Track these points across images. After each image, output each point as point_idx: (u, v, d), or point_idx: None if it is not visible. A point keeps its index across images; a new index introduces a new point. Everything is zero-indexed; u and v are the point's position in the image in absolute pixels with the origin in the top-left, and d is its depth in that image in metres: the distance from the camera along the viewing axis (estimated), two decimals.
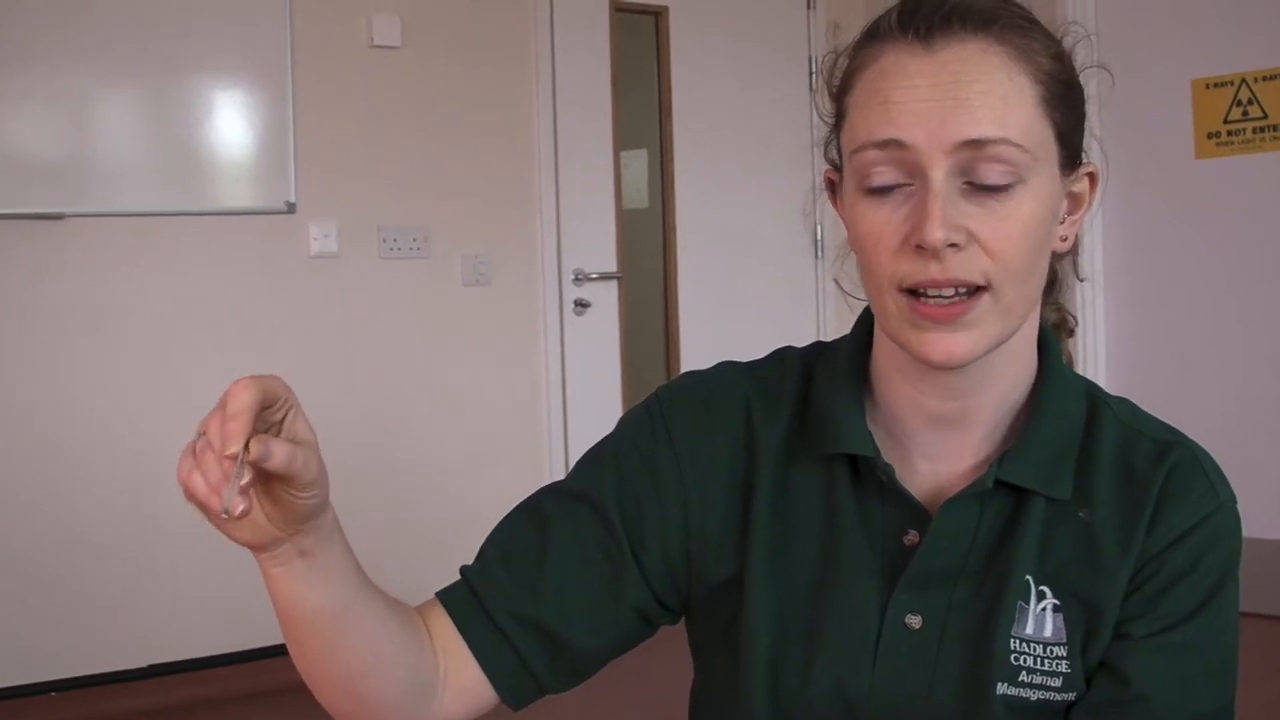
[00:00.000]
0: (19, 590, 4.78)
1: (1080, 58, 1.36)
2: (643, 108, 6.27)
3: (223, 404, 1.14)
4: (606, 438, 1.49)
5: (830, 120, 1.36)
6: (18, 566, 4.78)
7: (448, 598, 1.43)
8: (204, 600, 5.01)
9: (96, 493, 4.90)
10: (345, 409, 5.34)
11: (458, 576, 1.46)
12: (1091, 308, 5.96)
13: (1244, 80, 5.62)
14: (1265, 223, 5.62)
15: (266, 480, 1.19)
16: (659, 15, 6.23)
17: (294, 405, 1.21)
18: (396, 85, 5.46)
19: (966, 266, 1.24)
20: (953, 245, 1.23)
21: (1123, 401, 1.43)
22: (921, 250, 1.24)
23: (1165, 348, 5.91)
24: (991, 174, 1.24)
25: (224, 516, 1.16)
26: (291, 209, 5.17)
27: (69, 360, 4.89)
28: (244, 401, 1.14)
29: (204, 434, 1.16)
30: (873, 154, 1.26)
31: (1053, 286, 1.46)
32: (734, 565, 1.41)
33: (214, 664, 5.01)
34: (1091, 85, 1.40)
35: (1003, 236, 1.24)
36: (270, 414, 1.19)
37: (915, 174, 1.25)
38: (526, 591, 1.40)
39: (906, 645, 1.35)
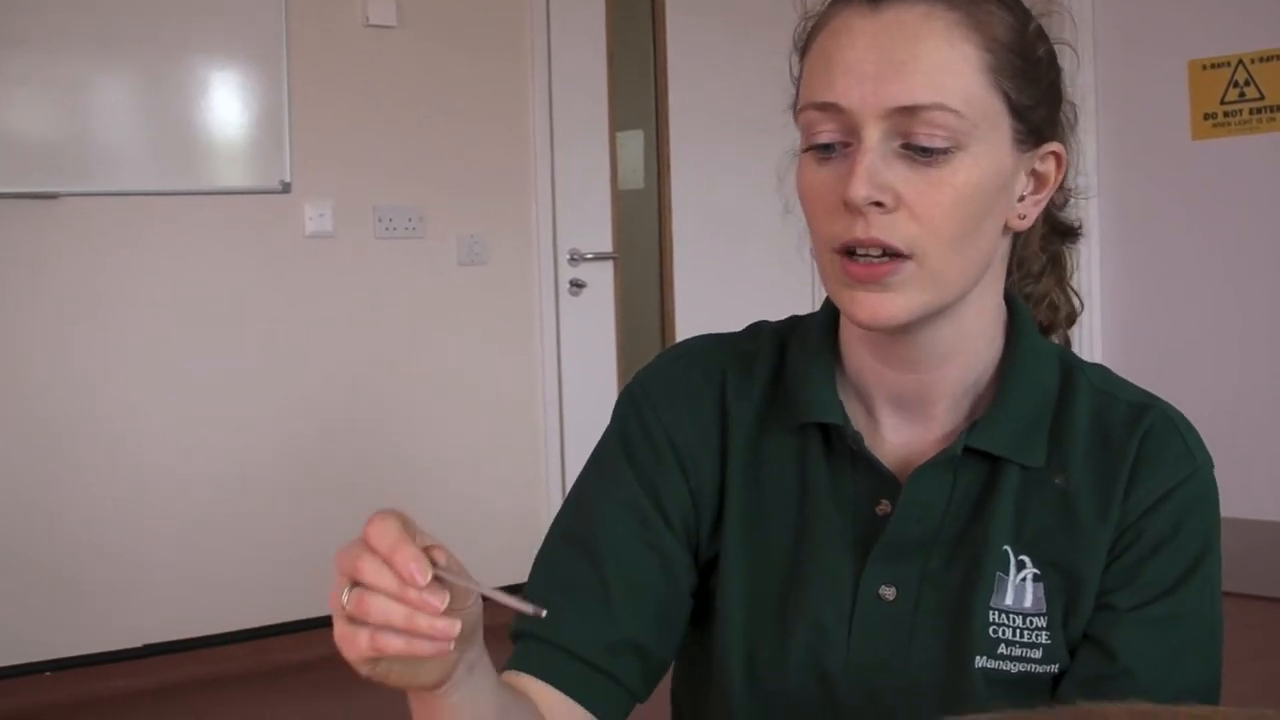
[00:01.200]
0: (13, 571, 4.78)
1: (1061, 33, 1.36)
2: (638, 88, 6.27)
3: (367, 545, 1.04)
4: (602, 438, 1.47)
5: (795, 82, 1.36)
6: (12, 547, 4.78)
7: (533, 664, 1.37)
8: (199, 580, 5.01)
9: (91, 473, 4.90)
10: (340, 389, 5.34)
11: (453, 547, 1.42)
12: (1087, 289, 5.94)
13: (1241, 61, 5.62)
14: (1262, 204, 5.62)
15: None
16: None
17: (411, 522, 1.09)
18: (392, 65, 5.45)
19: (891, 230, 1.24)
20: (879, 205, 1.24)
21: (1098, 367, 1.42)
22: (849, 207, 1.24)
23: (1161, 329, 5.91)
24: (925, 139, 1.24)
25: (449, 648, 1.04)
26: (287, 189, 5.16)
27: (64, 339, 4.88)
28: (396, 530, 1.04)
29: (357, 585, 1.04)
30: (813, 114, 1.28)
31: (1056, 267, 1.46)
32: (714, 540, 1.41)
33: (210, 644, 5.01)
34: (1073, 63, 1.40)
35: (932, 203, 1.24)
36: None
37: (853, 135, 1.25)
38: (603, 619, 1.37)
39: (880, 617, 1.34)
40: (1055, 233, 1.47)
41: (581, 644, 1.35)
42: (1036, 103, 1.30)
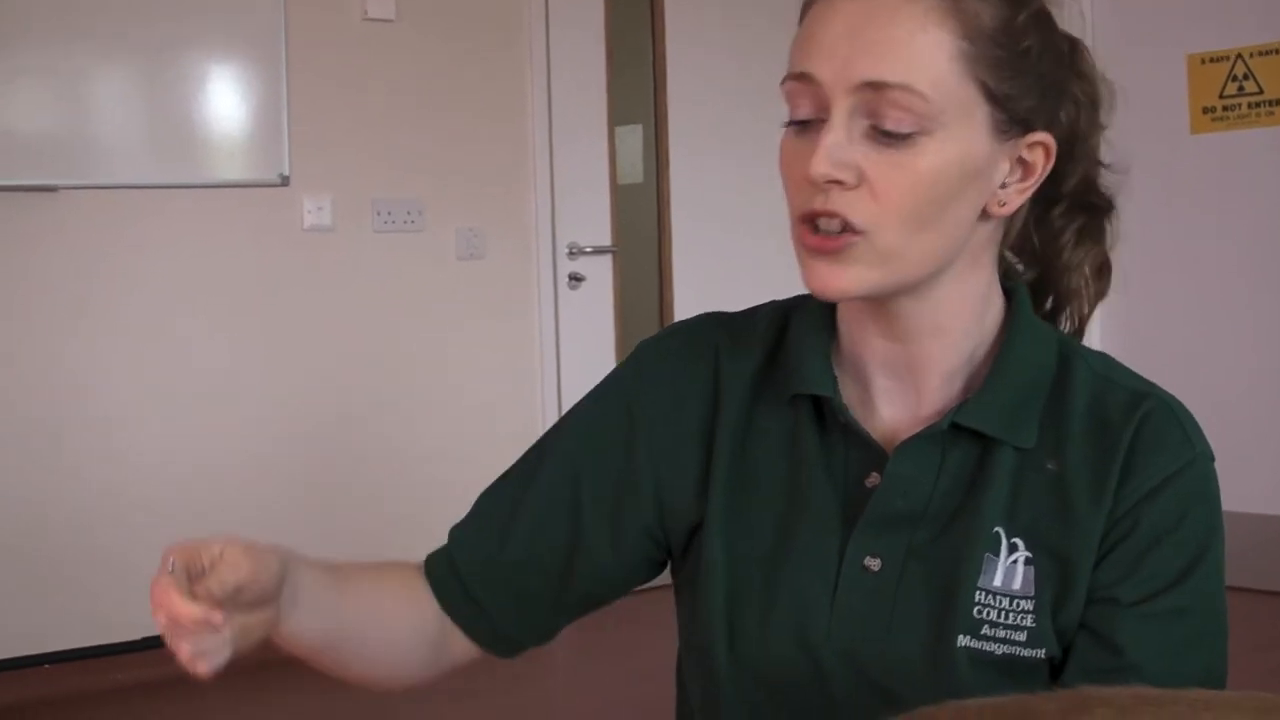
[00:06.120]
0: (12, 564, 4.79)
1: (1062, 23, 1.37)
2: (637, 82, 6.27)
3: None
4: (594, 388, 1.54)
5: None
6: (9, 540, 4.79)
7: (429, 567, 1.51)
8: None
9: (89, 466, 4.91)
10: (338, 382, 5.35)
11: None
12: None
13: (1240, 55, 5.62)
14: (1261, 197, 5.62)
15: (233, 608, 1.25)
16: None
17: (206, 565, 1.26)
18: (391, 59, 5.45)
19: (850, 206, 1.26)
20: (838, 183, 1.26)
21: (1100, 354, 1.43)
22: (811, 182, 1.27)
23: (1160, 323, 5.92)
24: (891, 120, 1.25)
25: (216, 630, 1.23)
26: (285, 182, 5.16)
27: (63, 332, 4.88)
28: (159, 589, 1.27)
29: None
30: (791, 85, 1.30)
31: (1084, 240, 1.48)
32: (698, 510, 1.43)
33: None
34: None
35: (891, 184, 1.26)
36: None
37: (825, 110, 1.27)
38: (492, 555, 1.48)
39: (864, 587, 1.35)
40: (1079, 208, 1.48)
41: (465, 565, 1.48)
42: (1021, 93, 1.31)
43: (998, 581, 1.32)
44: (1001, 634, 1.31)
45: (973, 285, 1.37)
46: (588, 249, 5.95)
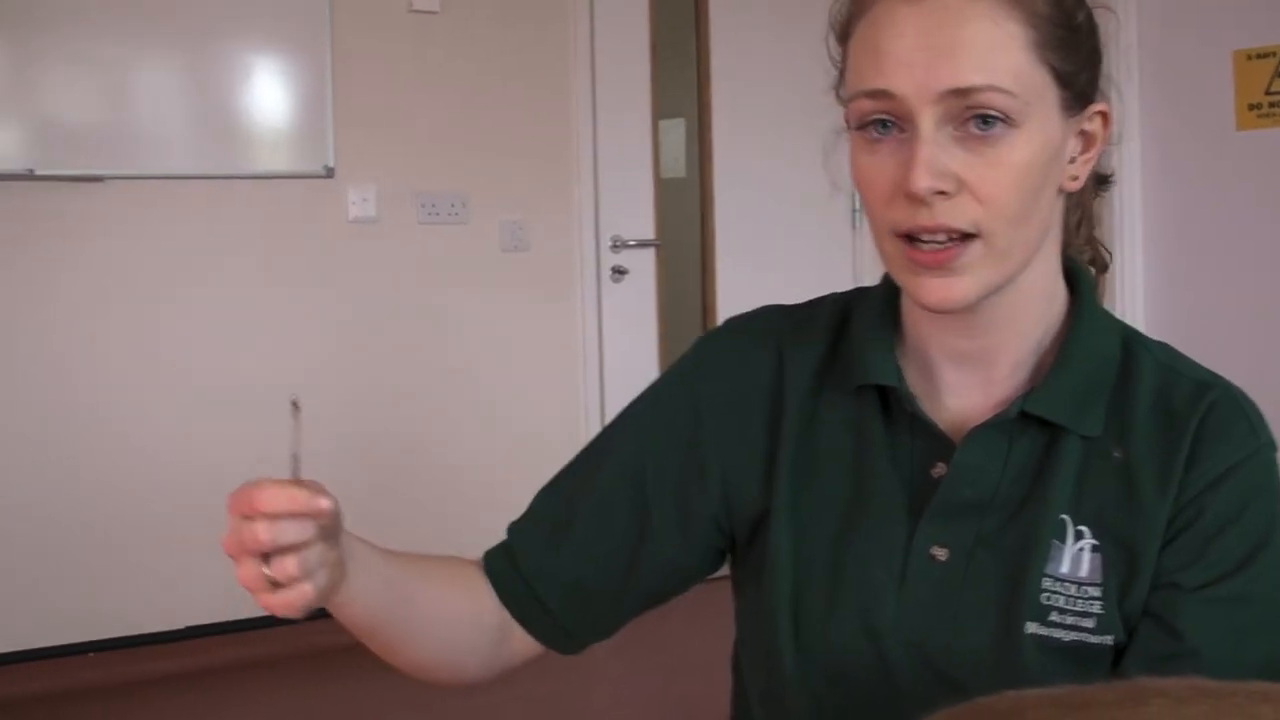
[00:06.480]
0: (57, 551, 4.82)
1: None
2: (681, 76, 6.26)
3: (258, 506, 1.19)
4: (654, 381, 1.54)
5: (838, 65, 1.37)
6: (56, 528, 4.82)
7: (488, 562, 1.52)
8: None
9: (134, 455, 4.93)
10: (382, 373, 5.36)
11: (498, 535, 1.54)
12: (1131, 281, 5.93)
13: None
14: None
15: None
16: None
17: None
18: (435, 50, 5.46)
19: (956, 214, 1.26)
20: (941, 193, 1.25)
21: (1163, 345, 1.43)
22: (911, 197, 1.25)
23: (1207, 320, 5.88)
24: (981, 121, 1.25)
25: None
26: (330, 173, 5.18)
27: (108, 320, 4.91)
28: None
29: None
30: (865, 103, 1.29)
31: (1081, 224, 1.47)
32: (764, 499, 1.44)
33: (252, 626, 5.03)
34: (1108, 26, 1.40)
35: (992, 183, 1.26)
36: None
37: (906, 122, 1.27)
38: (553, 550, 1.48)
39: (932, 577, 1.35)
40: (1092, 183, 1.47)
41: (526, 561, 1.49)
42: (1079, 68, 1.32)
43: (1065, 568, 1.32)
44: (1070, 620, 1.31)
45: (1047, 266, 1.38)
46: (631, 242, 5.95)
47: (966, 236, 1.26)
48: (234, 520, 1.19)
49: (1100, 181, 1.49)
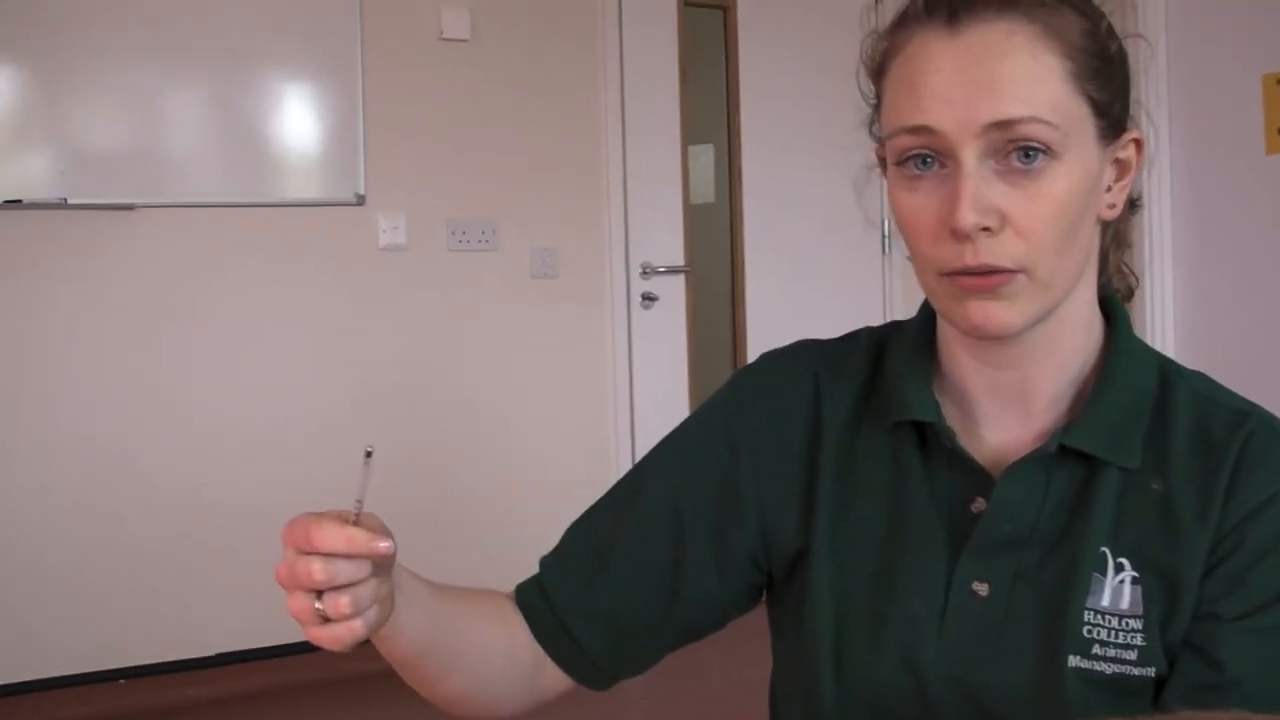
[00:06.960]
0: (90, 579, 4.83)
1: (1121, 26, 1.36)
2: (710, 102, 6.27)
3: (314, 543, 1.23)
4: (689, 417, 1.53)
5: (872, 102, 1.37)
6: (88, 555, 4.83)
7: (521, 596, 1.52)
8: (273, 588, 5.02)
9: (166, 480, 4.94)
10: (413, 400, 5.36)
11: (524, 563, 1.55)
12: (1161, 304, 5.91)
13: None
14: None
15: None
16: (727, 10, 6.22)
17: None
18: (466, 78, 5.47)
19: (999, 252, 1.25)
20: (985, 230, 1.24)
21: (1199, 375, 1.42)
22: (956, 234, 1.25)
23: (1237, 345, 5.85)
24: (1024, 154, 1.24)
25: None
26: (361, 201, 5.19)
27: (140, 349, 4.92)
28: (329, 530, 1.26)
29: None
30: (905, 139, 1.28)
31: (1111, 250, 1.46)
32: (802, 535, 1.43)
33: (283, 653, 5.03)
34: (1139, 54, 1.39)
35: (1035, 217, 1.25)
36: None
37: (947, 157, 1.26)
38: (587, 585, 1.48)
39: (972, 612, 1.35)
40: (1125, 208, 1.47)
41: (559, 597, 1.48)
42: (1114, 97, 1.31)
43: (1105, 601, 1.31)
44: (1112, 653, 1.30)
45: (1085, 297, 1.37)
46: (661, 269, 5.95)
47: (1010, 271, 1.26)
48: (290, 552, 1.21)
49: (1130, 205, 1.49)
